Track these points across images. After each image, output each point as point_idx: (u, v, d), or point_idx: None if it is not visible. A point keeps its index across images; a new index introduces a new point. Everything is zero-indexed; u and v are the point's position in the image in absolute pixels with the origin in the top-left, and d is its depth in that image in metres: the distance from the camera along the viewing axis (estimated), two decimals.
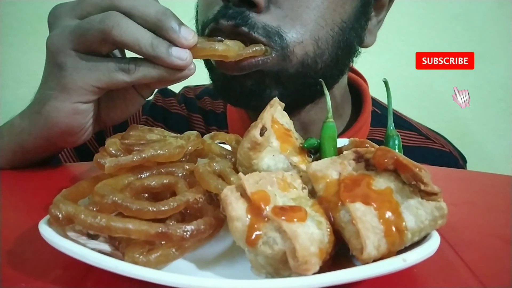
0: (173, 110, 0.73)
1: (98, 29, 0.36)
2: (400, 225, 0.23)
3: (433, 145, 0.66)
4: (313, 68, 0.49)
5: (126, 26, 0.36)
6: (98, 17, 0.36)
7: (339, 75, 0.56)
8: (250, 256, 0.23)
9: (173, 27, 0.37)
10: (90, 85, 0.39)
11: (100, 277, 0.24)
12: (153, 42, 0.36)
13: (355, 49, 0.53)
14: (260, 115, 0.30)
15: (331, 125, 0.33)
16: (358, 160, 0.27)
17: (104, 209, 0.25)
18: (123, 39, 0.36)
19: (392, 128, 0.34)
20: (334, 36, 0.49)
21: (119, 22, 0.36)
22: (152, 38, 0.37)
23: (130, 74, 0.38)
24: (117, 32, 0.36)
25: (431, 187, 0.24)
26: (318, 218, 0.24)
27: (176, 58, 0.37)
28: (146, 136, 0.34)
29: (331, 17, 0.48)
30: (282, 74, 0.47)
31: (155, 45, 0.37)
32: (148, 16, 0.37)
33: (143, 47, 0.36)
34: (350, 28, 0.50)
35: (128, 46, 0.37)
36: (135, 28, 0.36)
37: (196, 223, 0.24)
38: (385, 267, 0.22)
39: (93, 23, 0.36)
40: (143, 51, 0.37)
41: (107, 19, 0.36)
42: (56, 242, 0.23)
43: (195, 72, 0.40)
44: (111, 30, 0.36)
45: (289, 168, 0.29)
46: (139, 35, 0.36)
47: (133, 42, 0.36)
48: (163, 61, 0.37)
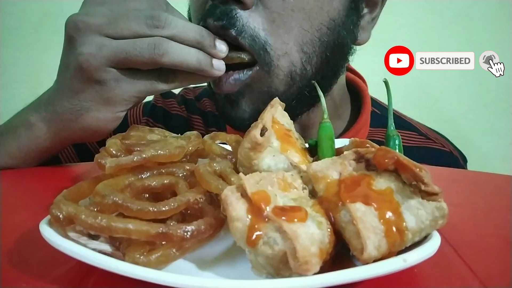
0: (173, 111, 0.73)
1: (148, 55, 0.39)
2: (400, 225, 0.23)
3: (433, 145, 0.66)
4: (304, 75, 0.48)
5: (174, 51, 0.39)
6: (145, 43, 0.39)
7: (333, 76, 0.55)
8: (250, 256, 0.23)
9: (211, 45, 0.42)
10: (132, 96, 0.42)
11: (100, 278, 0.24)
12: (198, 58, 0.41)
13: (348, 47, 0.53)
14: (261, 116, 0.30)
15: (327, 125, 0.33)
16: (359, 160, 0.27)
17: (105, 209, 0.25)
18: (172, 63, 0.40)
19: (392, 128, 0.34)
20: (322, 37, 0.48)
21: (167, 49, 0.39)
22: (197, 55, 0.41)
23: (169, 83, 0.42)
24: (167, 58, 0.39)
25: (432, 187, 0.24)
26: (318, 219, 0.24)
27: (216, 70, 0.42)
28: (147, 136, 0.34)
29: (318, 17, 0.47)
30: (274, 92, 0.48)
31: (200, 61, 0.41)
32: (189, 41, 0.40)
33: (191, 65, 0.41)
34: (340, 26, 0.49)
35: (176, 67, 0.41)
36: (181, 51, 0.40)
37: (196, 224, 0.24)
38: (385, 267, 0.22)
39: (142, 49, 0.39)
40: (190, 68, 0.41)
41: (156, 48, 0.39)
42: (57, 242, 0.23)
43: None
44: (161, 58, 0.39)
45: (289, 168, 0.29)
46: (186, 56, 0.40)
47: (181, 63, 0.40)
48: (207, 73, 0.42)
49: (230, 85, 0.46)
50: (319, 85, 0.37)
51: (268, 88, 0.47)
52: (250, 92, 0.47)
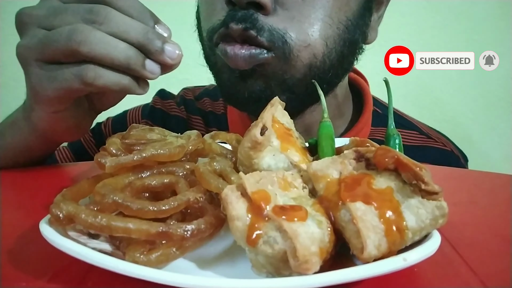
0: (172, 112, 0.72)
1: (65, 43, 0.34)
2: (400, 225, 0.23)
3: (434, 144, 0.66)
4: (322, 69, 0.49)
5: (96, 41, 0.34)
6: (65, 30, 0.34)
7: (344, 74, 0.56)
8: (250, 256, 0.23)
9: (157, 50, 0.35)
10: (53, 96, 0.37)
11: (100, 277, 0.24)
12: (128, 54, 0.34)
13: (359, 46, 0.53)
14: (261, 115, 0.30)
15: (327, 124, 0.33)
16: (359, 159, 0.27)
17: (105, 208, 0.25)
18: (92, 54, 0.34)
19: (392, 127, 0.34)
20: (340, 34, 0.49)
21: (87, 37, 0.33)
22: (126, 51, 0.34)
23: (90, 81, 0.35)
24: (86, 48, 0.33)
25: (432, 186, 0.24)
26: (318, 218, 0.24)
27: (149, 72, 0.36)
28: (147, 135, 0.34)
29: (337, 15, 0.48)
30: (288, 78, 0.48)
31: (130, 57, 0.34)
32: (130, 40, 0.35)
33: (116, 61, 0.34)
34: (355, 25, 0.50)
35: (99, 61, 0.34)
36: (106, 43, 0.34)
37: (196, 223, 0.24)
38: (385, 266, 0.22)
39: (60, 36, 0.34)
40: (115, 65, 0.35)
41: (74, 34, 0.33)
42: (57, 241, 0.23)
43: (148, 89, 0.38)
44: (78, 46, 0.33)
45: (289, 168, 0.29)
46: (111, 49, 0.34)
47: (104, 56, 0.34)
48: (137, 73, 0.35)
49: (245, 60, 0.45)
50: (329, 82, 0.38)
51: (282, 73, 0.47)
52: (264, 72, 0.47)
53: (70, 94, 0.37)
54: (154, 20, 0.37)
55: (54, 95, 0.37)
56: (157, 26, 0.37)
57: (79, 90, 0.36)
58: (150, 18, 0.37)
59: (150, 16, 0.37)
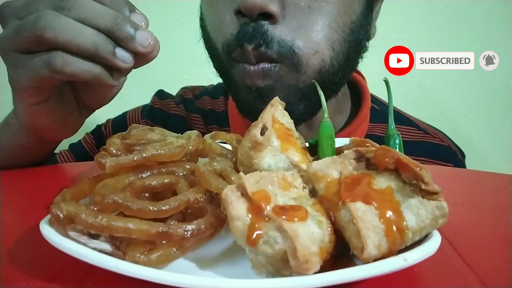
0: (171, 111, 0.73)
1: (30, 31, 0.33)
2: (401, 225, 0.23)
3: (431, 140, 0.67)
4: (331, 72, 0.50)
5: (60, 26, 0.33)
6: (32, 18, 0.33)
7: (350, 73, 0.57)
8: (250, 256, 0.23)
9: (127, 36, 0.33)
10: (27, 86, 0.37)
11: (101, 277, 0.24)
12: (95, 41, 0.33)
13: (363, 45, 0.55)
14: (261, 115, 0.30)
15: (328, 124, 0.33)
16: (359, 159, 0.27)
17: (105, 208, 0.25)
18: (58, 40, 0.33)
19: (392, 127, 0.34)
20: (346, 37, 0.50)
21: (51, 22, 0.32)
22: (93, 37, 0.33)
23: (58, 70, 0.34)
24: (49, 34, 0.32)
25: (432, 186, 0.24)
26: (318, 218, 0.24)
27: (120, 60, 0.34)
28: (147, 135, 0.34)
29: (342, 20, 0.49)
30: (302, 86, 0.49)
31: (97, 44, 0.33)
32: (98, 27, 0.34)
33: (83, 47, 0.33)
34: (359, 26, 0.51)
35: (66, 47, 0.33)
36: (70, 27, 0.33)
37: (196, 223, 0.24)
38: (385, 266, 0.22)
39: (27, 24, 0.33)
40: (82, 51, 0.33)
41: (38, 20, 0.33)
42: (57, 241, 0.23)
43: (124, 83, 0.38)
44: (42, 32, 0.32)
45: (289, 168, 0.29)
46: (76, 35, 0.33)
47: (69, 43, 0.33)
48: (106, 61, 0.34)
49: (259, 77, 0.47)
50: (338, 83, 0.38)
51: (296, 82, 0.48)
52: (280, 85, 0.48)
53: (42, 83, 0.37)
54: (130, 9, 0.36)
55: (29, 84, 0.36)
56: (132, 14, 0.35)
57: (50, 78, 0.36)
58: (125, 6, 0.35)
59: (125, 4, 0.35)
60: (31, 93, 0.38)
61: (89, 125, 0.64)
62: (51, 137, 0.46)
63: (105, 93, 0.42)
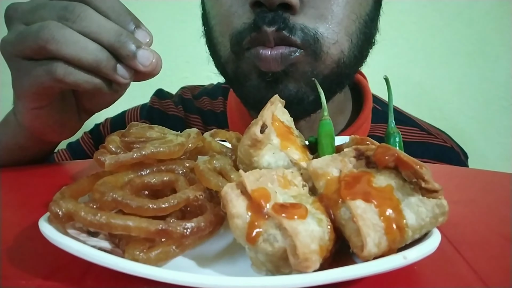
0: (170, 112, 0.72)
1: (33, 40, 0.33)
2: (400, 223, 0.23)
3: (434, 141, 0.66)
4: (348, 64, 0.50)
5: (63, 39, 0.33)
6: (36, 27, 0.33)
7: (358, 68, 0.57)
8: (250, 254, 0.23)
9: (128, 54, 0.34)
10: (29, 91, 0.37)
11: (100, 274, 0.24)
12: (97, 56, 0.33)
13: (373, 40, 0.55)
14: (261, 113, 0.30)
15: (327, 122, 0.33)
16: (359, 157, 0.26)
17: (104, 206, 0.25)
18: (61, 53, 0.33)
19: (392, 125, 0.33)
20: (361, 29, 0.50)
21: (54, 34, 0.33)
22: (96, 52, 0.33)
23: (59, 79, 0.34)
24: (52, 46, 0.33)
25: (432, 184, 0.24)
26: (318, 216, 0.24)
27: (120, 76, 0.35)
28: (146, 133, 0.34)
29: (359, 11, 0.49)
30: (318, 74, 0.48)
31: (99, 60, 0.33)
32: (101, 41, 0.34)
33: (85, 62, 0.33)
34: (372, 20, 0.52)
35: (68, 60, 0.34)
36: (74, 41, 0.33)
37: (196, 221, 0.24)
38: (385, 264, 0.22)
39: (30, 33, 0.34)
40: (84, 66, 0.34)
41: (42, 31, 0.33)
42: (56, 239, 0.23)
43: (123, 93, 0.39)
44: (45, 44, 0.33)
45: (289, 166, 0.29)
46: (79, 50, 0.33)
47: (72, 57, 0.33)
48: (107, 76, 0.35)
49: (277, 61, 0.46)
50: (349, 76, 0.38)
51: (311, 69, 0.48)
52: (295, 73, 0.48)
53: (44, 90, 0.37)
54: (135, 24, 0.36)
55: (31, 91, 0.37)
56: (137, 30, 0.35)
57: (52, 87, 0.36)
58: (131, 21, 0.35)
59: (131, 19, 0.35)
60: (33, 98, 0.38)
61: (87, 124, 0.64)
62: (50, 139, 0.47)
63: (106, 98, 0.43)
